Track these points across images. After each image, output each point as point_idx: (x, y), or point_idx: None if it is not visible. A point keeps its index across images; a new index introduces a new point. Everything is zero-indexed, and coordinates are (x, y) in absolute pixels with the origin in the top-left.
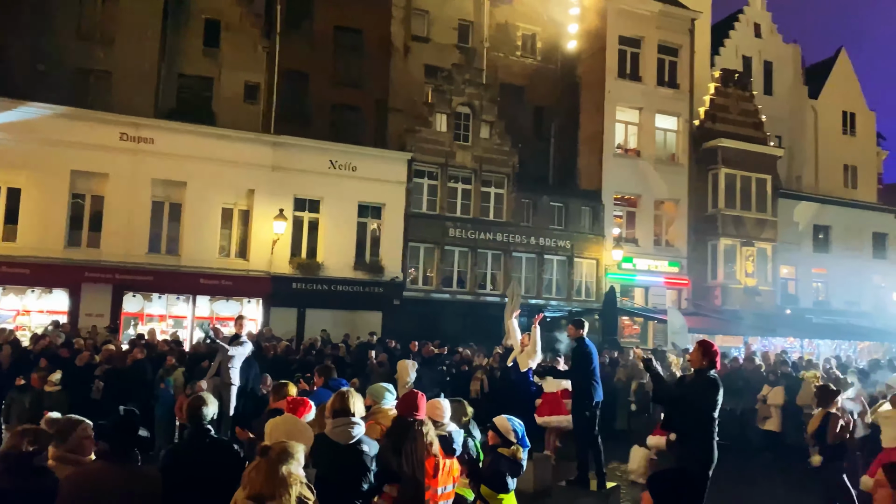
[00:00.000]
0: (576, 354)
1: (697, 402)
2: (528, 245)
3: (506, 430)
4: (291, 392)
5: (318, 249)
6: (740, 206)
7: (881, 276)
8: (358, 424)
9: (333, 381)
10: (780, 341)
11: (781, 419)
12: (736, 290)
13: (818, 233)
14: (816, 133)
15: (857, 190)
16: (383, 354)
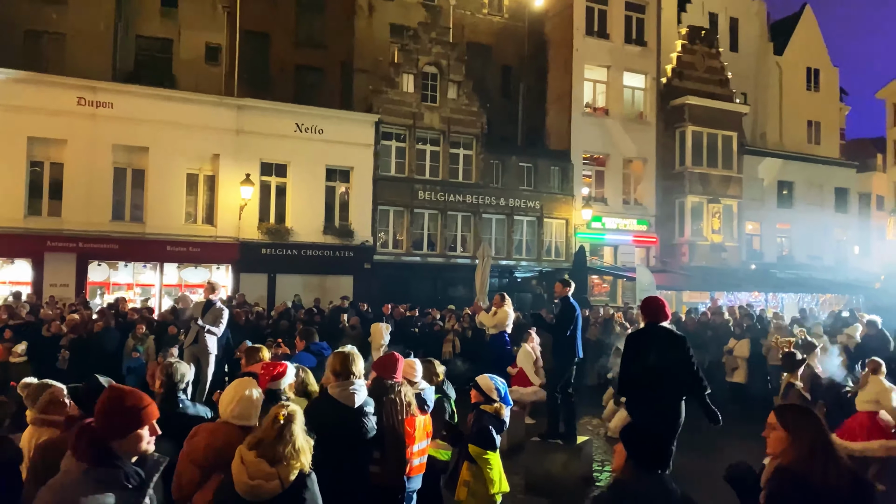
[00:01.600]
0: (560, 311)
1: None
2: (498, 206)
3: (488, 388)
4: (265, 356)
5: (287, 214)
6: (707, 164)
7: (842, 230)
8: (362, 387)
9: (315, 345)
10: (745, 296)
11: (747, 371)
12: (702, 246)
13: (782, 189)
14: (781, 89)
15: (821, 146)
16: (356, 318)
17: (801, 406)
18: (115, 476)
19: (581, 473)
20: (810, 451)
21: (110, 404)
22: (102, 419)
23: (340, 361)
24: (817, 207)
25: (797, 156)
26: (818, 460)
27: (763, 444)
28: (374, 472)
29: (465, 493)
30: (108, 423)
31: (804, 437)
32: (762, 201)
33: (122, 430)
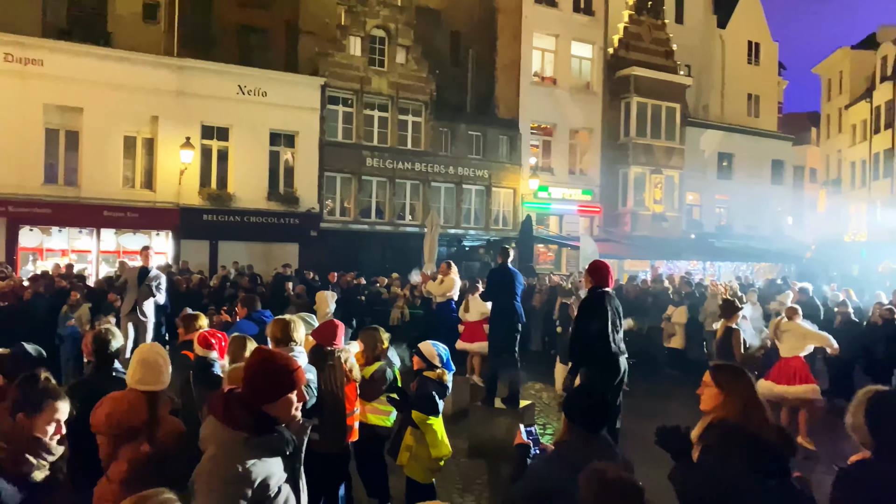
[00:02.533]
0: (497, 278)
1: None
2: (447, 175)
3: (430, 354)
4: (202, 324)
5: (229, 179)
6: (650, 135)
7: (778, 202)
8: (301, 353)
9: (256, 313)
10: (684, 264)
11: (685, 337)
12: (645, 216)
13: (722, 160)
14: (723, 62)
15: (759, 119)
16: (301, 286)
17: (734, 366)
18: (278, 442)
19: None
20: (743, 409)
21: (261, 367)
22: (253, 384)
23: (280, 328)
24: (755, 179)
25: (737, 128)
26: (751, 417)
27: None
28: (315, 439)
29: (407, 457)
30: (260, 387)
31: (737, 395)
32: (703, 172)
33: (274, 394)
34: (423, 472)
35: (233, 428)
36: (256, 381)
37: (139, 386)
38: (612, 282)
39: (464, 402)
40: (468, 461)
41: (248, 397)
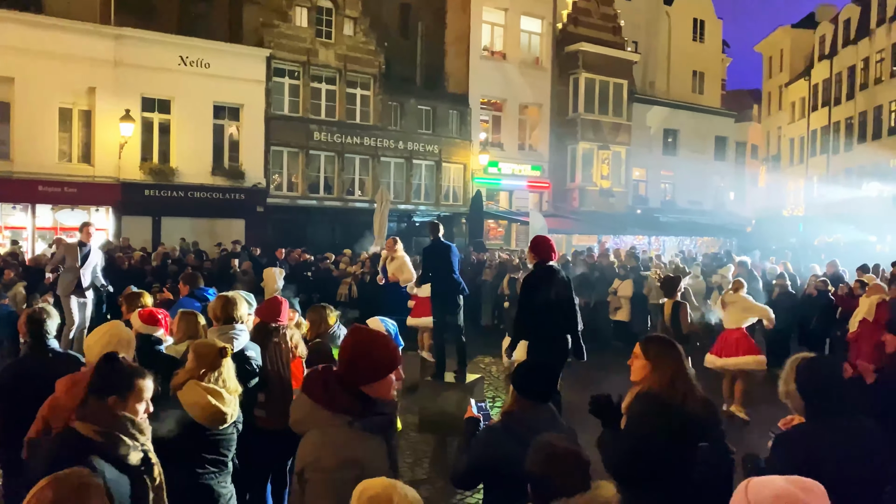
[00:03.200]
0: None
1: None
2: (397, 149)
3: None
4: (146, 302)
5: (172, 154)
6: (598, 111)
7: (720, 177)
8: (244, 331)
9: (199, 291)
10: (630, 239)
11: (630, 310)
12: (592, 191)
13: (667, 136)
14: (669, 39)
15: (704, 95)
16: (247, 262)
17: (664, 338)
18: (382, 423)
19: None
20: (671, 380)
21: (363, 347)
22: (355, 364)
23: (221, 306)
24: (698, 155)
25: (682, 105)
26: (678, 389)
27: None
28: (260, 416)
29: None
30: (362, 367)
31: (665, 367)
32: (649, 148)
33: (376, 373)
34: None
35: (334, 411)
36: (358, 361)
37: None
38: (556, 256)
39: (414, 377)
40: (418, 435)
41: (349, 378)
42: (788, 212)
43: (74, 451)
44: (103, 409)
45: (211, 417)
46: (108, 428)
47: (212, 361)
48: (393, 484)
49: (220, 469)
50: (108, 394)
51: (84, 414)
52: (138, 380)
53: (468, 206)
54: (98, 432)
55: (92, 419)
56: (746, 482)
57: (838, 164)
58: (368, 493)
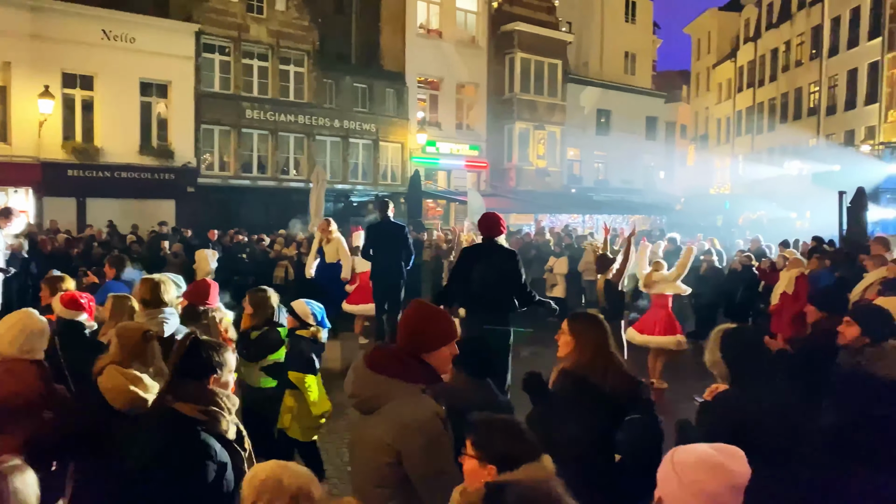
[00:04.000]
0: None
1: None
2: (333, 128)
3: (304, 313)
4: (68, 286)
5: (96, 132)
6: (534, 91)
7: (651, 156)
8: (174, 315)
9: (127, 274)
10: (565, 217)
11: (566, 287)
12: (529, 171)
13: (601, 116)
14: (602, 20)
15: (635, 76)
16: (178, 245)
17: (589, 314)
18: (448, 392)
19: None
20: (592, 356)
21: (426, 319)
22: (419, 334)
23: (149, 289)
24: (631, 135)
25: (615, 85)
26: (598, 364)
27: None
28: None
29: (289, 419)
30: (425, 337)
31: (587, 342)
32: (583, 128)
33: (437, 343)
34: (304, 431)
35: (410, 381)
36: (424, 331)
37: (26, 355)
38: (503, 230)
39: (352, 359)
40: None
41: (413, 348)
42: (715, 190)
43: (180, 431)
44: (201, 388)
45: (130, 404)
46: (209, 405)
47: (134, 346)
48: (283, 465)
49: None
50: (206, 375)
51: (182, 395)
52: (226, 354)
53: (406, 186)
54: (201, 411)
55: (193, 399)
56: (673, 450)
57: (762, 143)
58: (260, 477)
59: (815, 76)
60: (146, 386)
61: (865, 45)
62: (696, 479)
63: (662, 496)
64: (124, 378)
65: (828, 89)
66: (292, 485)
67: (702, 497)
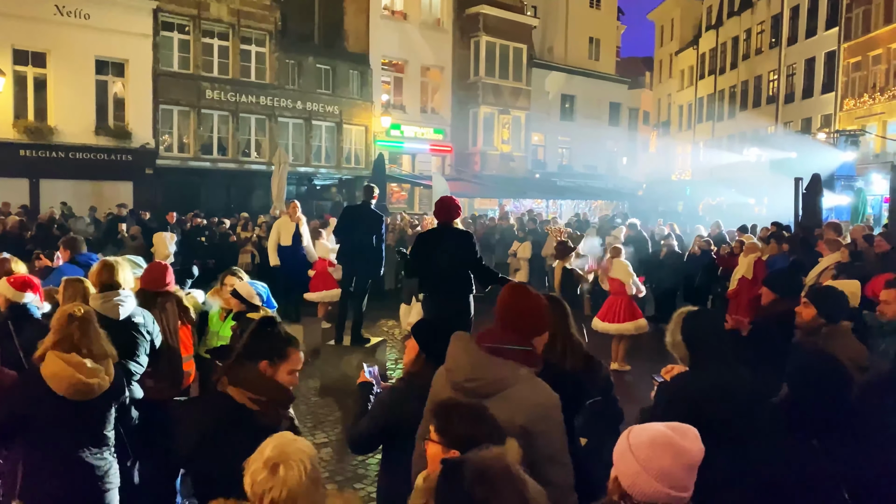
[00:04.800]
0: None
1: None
2: (295, 110)
3: (249, 294)
4: (17, 269)
5: (49, 111)
6: (499, 75)
7: (614, 142)
8: (129, 297)
9: (82, 256)
10: (529, 202)
11: (529, 271)
12: (493, 156)
13: (565, 102)
14: (567, 5)
15: (600, 62)
16: (136, 227)
17: (550, 296)
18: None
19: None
20: (551, 338)
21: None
22: (527, 319)
23: (105, 272)
24: (594, 120)
25: (580, 71)
26: (557, 345)
27: None
28: (149, 385)
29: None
30: (538, 323)
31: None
32: (547, 113)
33: (542, 329)
34: None
35: (529, 365)
36: (535, 316)
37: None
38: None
39: (315, 342)
40: (319, 399)
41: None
42: (677, 176)
43: (227, 417)
44: (256, 374)
45: (73, 389)
46: (261, 395)
47: (61, 328)
48: (293, 439)
49: (96, 443)
50: (259, 358)
51: (238, 379)
52: (292, 349)
53: (370, 170)
54: (252, 399)
55: (246, 385)
56: (628, 430)
57: (722, 130)
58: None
59: (774, 64)
60: (90, 370)
61: (823, 34)
62: (651, 457)
63: (618, 475)
64: (65, 364)
65: (786, 77)
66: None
67: (657, 475)
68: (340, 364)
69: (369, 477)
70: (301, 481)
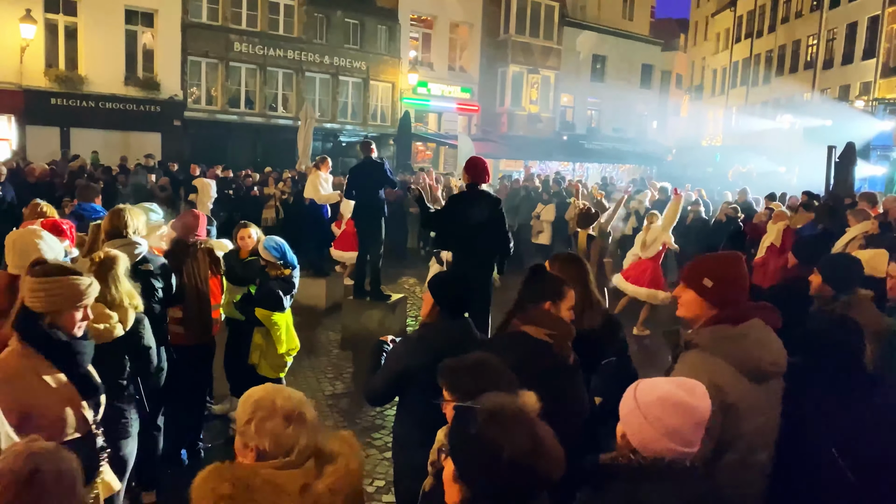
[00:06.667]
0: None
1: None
2: (322, 64)
3: (268, 257)
4: (50, 213)
5: (80, 60)
6: (529, 33)
7: (644, 105)
8: (139, 243)
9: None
10: (555, 165)
11: (552, 234)
12: (521, 116)
13: (596, 62)
14: None
15: (633, 22)
16: (164, 178)
17: (570, 255)
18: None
19: (396, 328)
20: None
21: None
22: (736, 283)
23: (114, 219)
24: (625, 82)
25: (612, 31)
26: (577, 304)
27: None
28: (177, 332)
29: (257, 356)
30: (740, 287)
31: (567, 280)
32: (577, 74)
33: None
34: (271, 369)
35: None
36: (737, 280)
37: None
38: (488, 178)
39: (338, 296)
40: (340, 352)
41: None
42: (707, 142)
43: (531, 351)
44: (545, 313)
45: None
46: (554, 330)
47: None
48: (277, 388)
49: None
50: (542, 300)
51: (530, 319)
52: (567, 288)
53: (396, 128)
54: (548, 335)
55: (540, 323)
56: (635, 384)
57: (756, 95)
58: (254, 397)
59: (814, 28)
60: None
61: None
62: (661, 417)
63: (627, 432)
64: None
65: (826, 42)
66: (285, 406)
67: (666, 433)
68: (361, 318)
69: (386, 427)
70: (317, 422)
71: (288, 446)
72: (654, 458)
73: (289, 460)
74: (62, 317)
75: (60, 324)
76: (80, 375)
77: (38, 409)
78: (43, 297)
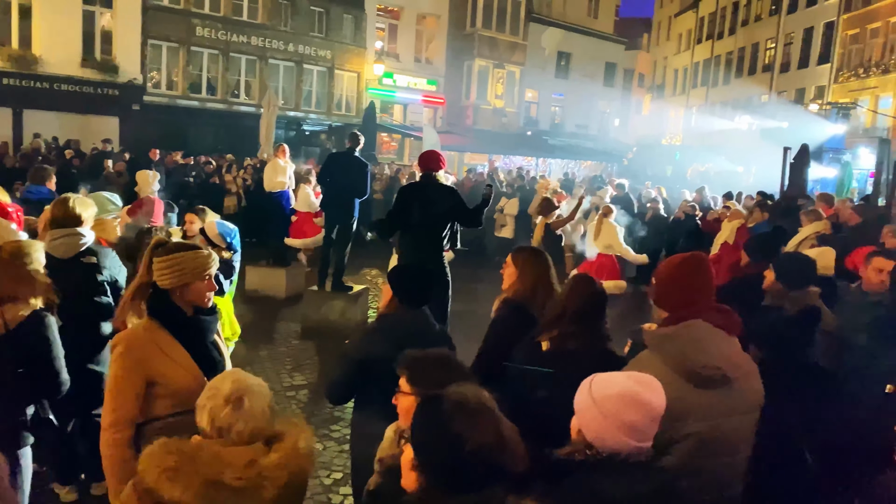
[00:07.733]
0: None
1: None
2: (287, 52)
3: (214, 235)
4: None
5: (34, 40)
6: (496, 28)
7: (607, 103)
8: (83, 234)
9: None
10: (519, 159)
11: (515, 227)
12: (486, 110)
13: (561, 59)
14: None
15: (598, 20)
16: (121, 164)
17: (533, 248)
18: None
19: (357, 320)
20: (532, 287)
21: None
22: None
23: (60, 207)
24: (589, 80)
25: (577, 28)
26: (539, 295)
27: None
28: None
29: None
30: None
31: (529, 275)
32: (542, 70)
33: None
34: None
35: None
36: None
37: None
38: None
39: (298, 286)
40: (299, 342)
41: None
42: (667, 140)
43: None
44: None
45: None
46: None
47: None
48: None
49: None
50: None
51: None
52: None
53: (361, 118)
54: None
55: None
56: (589, 380)
57: (716, 96)
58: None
59: (773, 32)
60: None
61: (823, 3)
62: (618, 412)
63: (583, 427)
64: None
65: (783, 46)
66: (228, 389)
67: (622, 428)
68: (322, 308)
69: (344, 420)
70: (265, 411)
71: (224, 428)
72: (610, 453)
73: (230, 440)
74: (190, 290)
75: (189, 298)
76: (202, 351)
77: (160, 377)
78: (170, 274)
